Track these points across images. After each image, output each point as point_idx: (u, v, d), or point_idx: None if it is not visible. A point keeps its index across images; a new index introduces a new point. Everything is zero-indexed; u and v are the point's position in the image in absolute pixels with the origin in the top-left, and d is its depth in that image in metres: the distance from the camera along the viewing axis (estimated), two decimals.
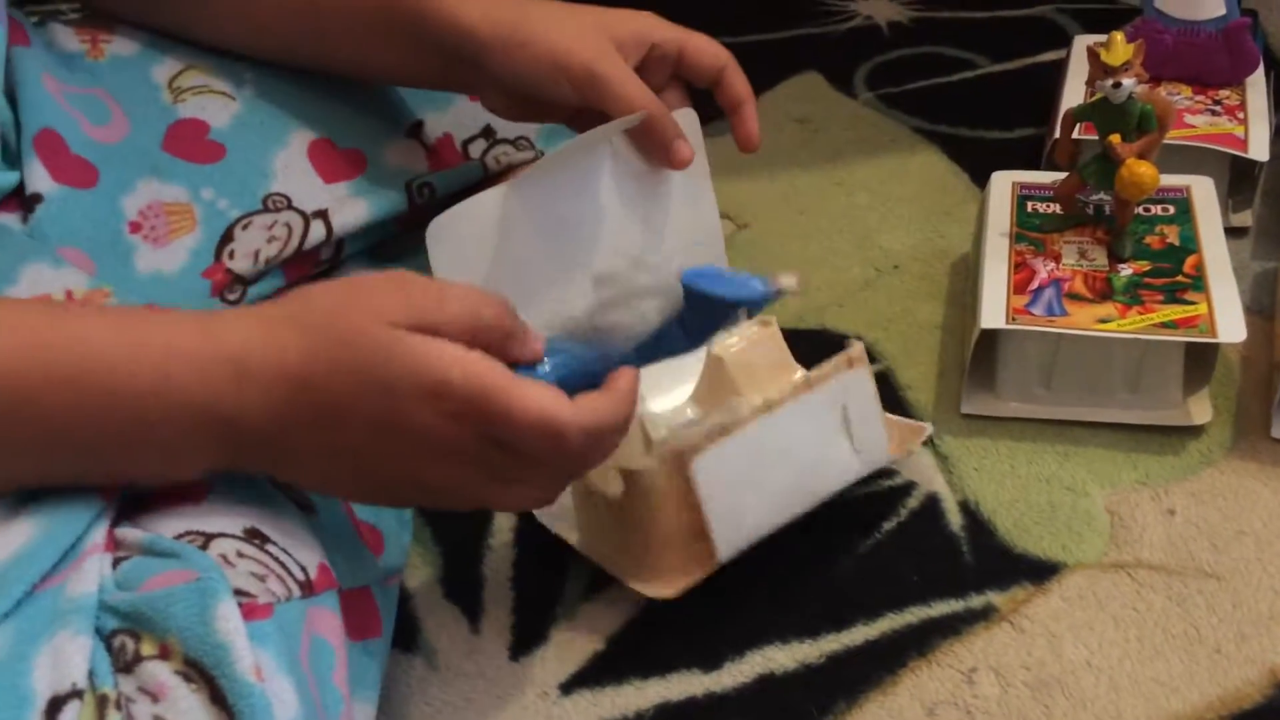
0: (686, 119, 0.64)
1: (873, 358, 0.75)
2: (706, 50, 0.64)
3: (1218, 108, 0.83)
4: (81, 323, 0.46)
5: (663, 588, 0.56)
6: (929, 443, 0.68)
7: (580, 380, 0.49)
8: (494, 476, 0.48)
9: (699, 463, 0.54)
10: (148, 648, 0.43)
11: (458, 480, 0.48)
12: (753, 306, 0.53)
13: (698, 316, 0.53)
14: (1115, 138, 0.67)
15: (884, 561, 0.61)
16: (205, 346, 0.46)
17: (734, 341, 0.63)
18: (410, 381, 0.46)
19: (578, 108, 0.62)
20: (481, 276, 0.60)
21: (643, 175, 0.64)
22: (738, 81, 0.64)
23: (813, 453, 0.58)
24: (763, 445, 0.56)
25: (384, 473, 0.48)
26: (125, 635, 0.43)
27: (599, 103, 0.60)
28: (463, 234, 0.60)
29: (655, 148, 0.63)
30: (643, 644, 0.58)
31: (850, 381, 0.58)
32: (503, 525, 0.66)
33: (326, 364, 0.46)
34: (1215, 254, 0.69)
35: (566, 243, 0.63)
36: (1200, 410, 0.67)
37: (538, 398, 0.46)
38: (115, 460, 0.46)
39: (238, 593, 0.45)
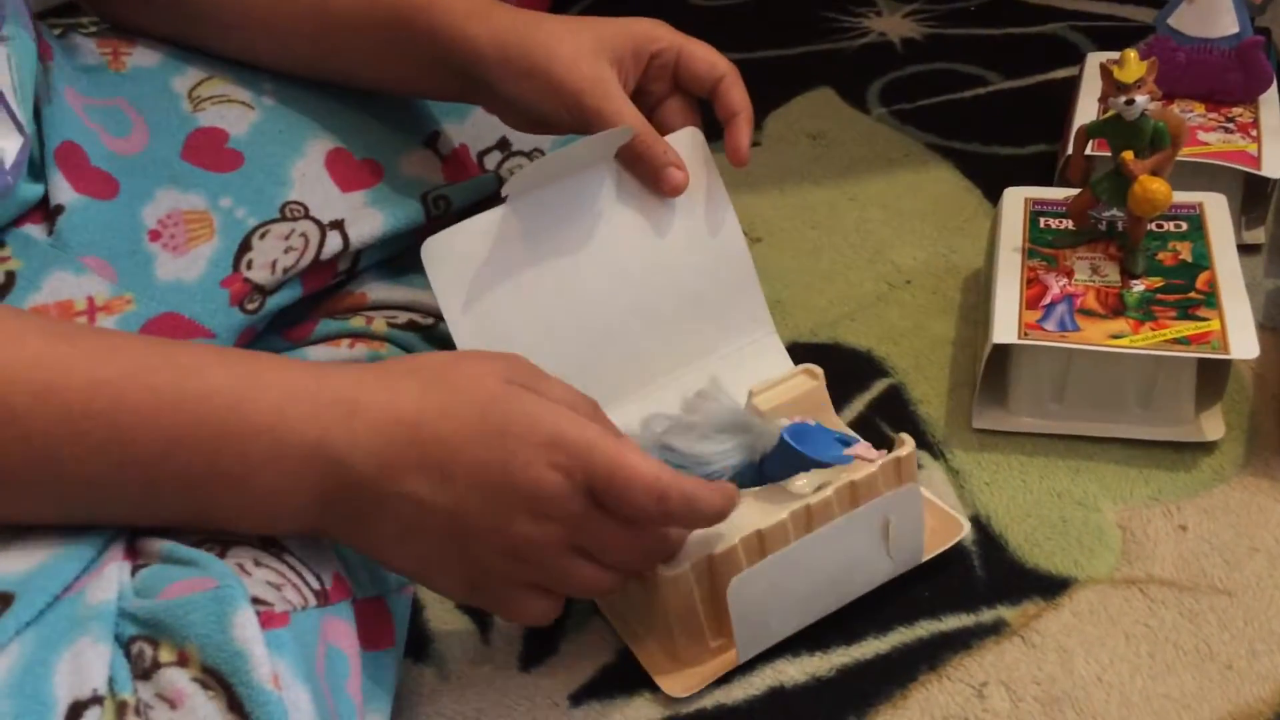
0: (689, 139, 0.64)
1: (884, 372, 0.75)
2: (704, 59, 0.64)
3: (1231, 125, 0.83)
4: (192, 355, 0.47)
5: (678, 685, 0.56)
6: (940, 457, 0.68)
7: None
8: (579, 547, 0.49)
9: (735, 585, 0.53)
10: (166, 654, 0.43)
11: (545, 542, 0.48)
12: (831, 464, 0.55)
13: (781, 465, 0.55)
14: (1128, 154, 0.67)
15: (895, 575, 0.61)
16: (318, 387, 0.47)
17: (778, 391, 0.63)
18: (525, 429, 0.47)
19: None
20: (485, 297, 0.61)
21: (648, 198, 0.64)
22: (734, 93, 0.64)
23: (848, 563, 0.57)
24: (800, 561, 0.55)
25: (473, 531, 0.48)
26: (144, 642, 0.43)
27: (591, 126, 0.61)
28: (460, 254, 0.60)
29: (646, 174, 0.63)
30: None
31: (899, 496, 0.56)
32: None
33: (439, 408, 0.47)
34: (1228, 270, 0.69)
35: (572, 265, 0.63)
36: (1213, 426, 0.67)
37: (646, 459, 0.48)
38: (212, 499, 0.46)
39: (255, 601, 0.45)
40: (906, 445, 0.56)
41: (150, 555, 0.47)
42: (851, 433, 0.62)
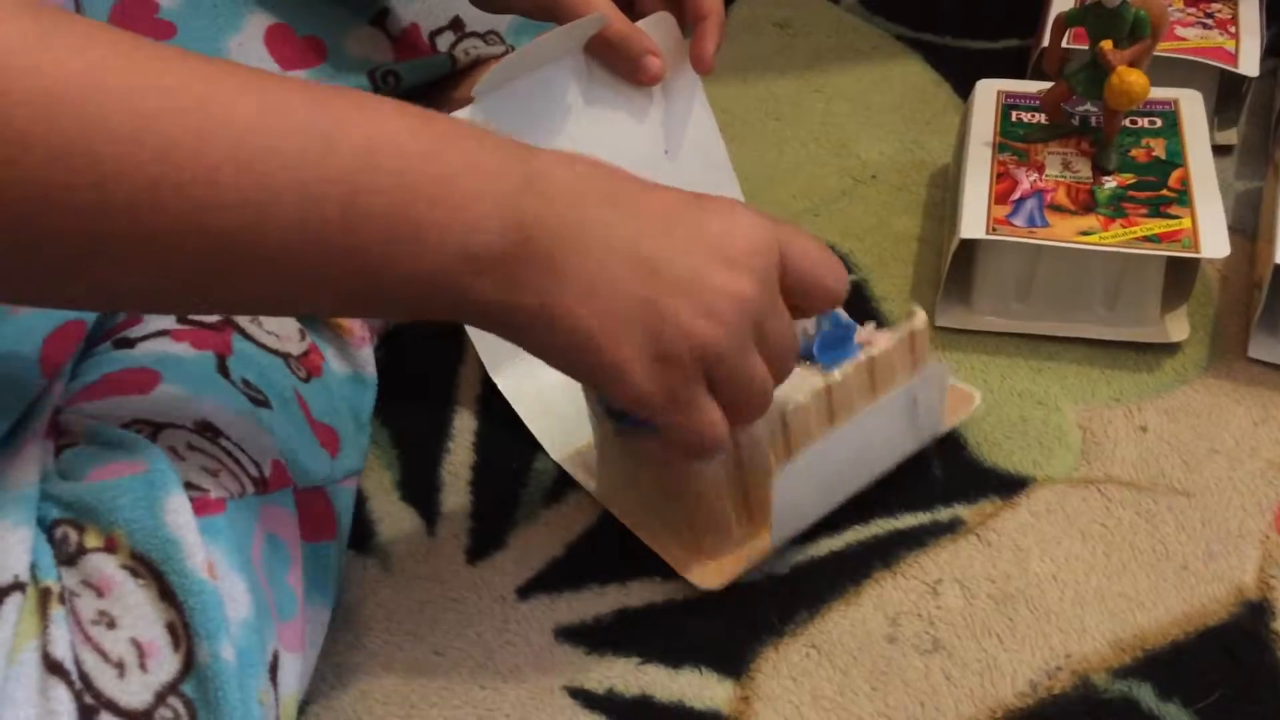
0: (661, 25, 0.61)
1: (848, 268, 0.73)
2: None
3: (1209, 21, 0.81)
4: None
5: (710, 577, 0.54)
6: None
7: None
8: (760, 328, 0.45)
9: (780, 478, 0.51)
10: (92, 540, 0.41)
11: (740, 299, 0.44)
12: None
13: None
14: (1107, 44, 0.64)
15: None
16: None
17: None
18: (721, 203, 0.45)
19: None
20: None
21: (620, 89, 0.61)
22: None
23: (880, 446, 0.56)
24: (837, 448, 0.54)
25: (664, 276, 0.43)
26: (68, 526, 0.41)
27: (558, 11, 0.57)
28: None
29: (621, 63, 0.60)
30: (603, 552, 0.57)
31: (929, 376, 0.56)
32: (463, 428, 0.64)
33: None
34: (1201, 169, 0.67)
35: None
36: (1177, 328, 0.66)
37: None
38: (412, 207, 0.40)
39: (189, 486, 0.43)
40: (918, 317, 0.55)
41: (75, 435, 0.45)
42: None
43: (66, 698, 0.38)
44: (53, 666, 0.39)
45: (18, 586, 0.39)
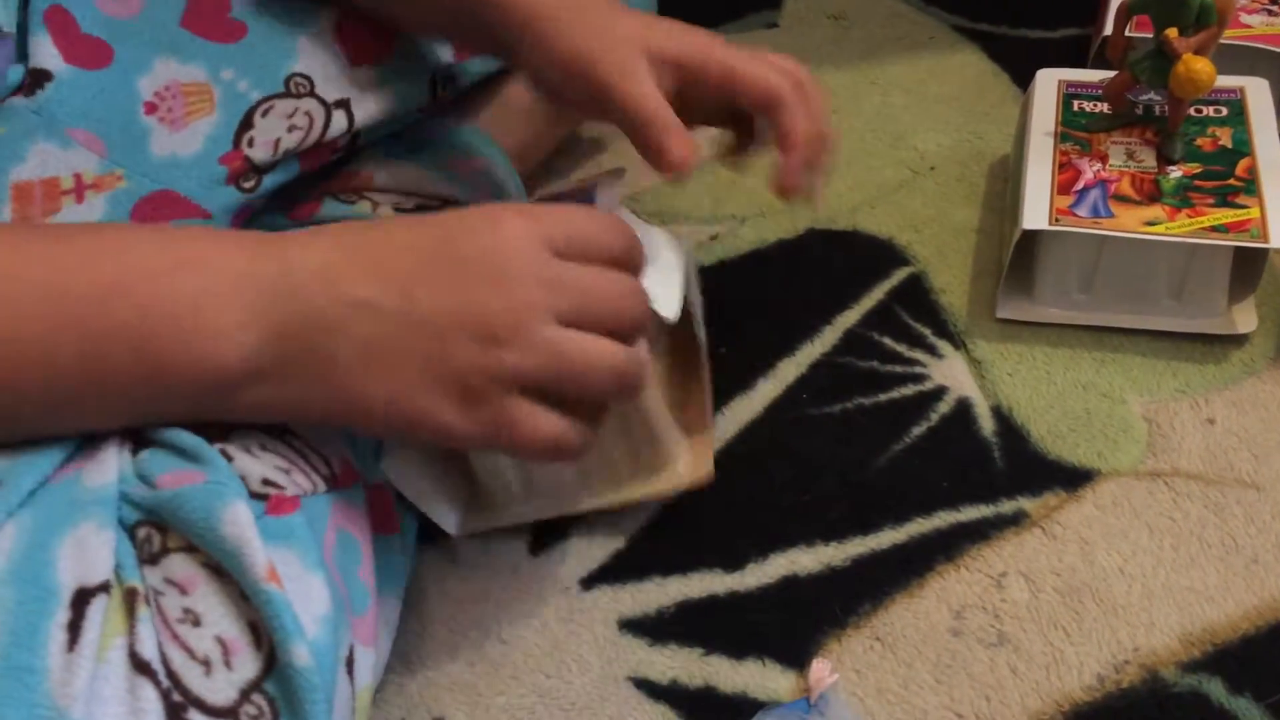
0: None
1: (905, 260, 0.73)
2: (758, 84, 0.56)
3: (1275, 7, 0.80)
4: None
5: (698, 467, 0.54)
6: (962, 347, 0.66)
7: None
8: (560, 313, 0.44)
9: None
10: (175, 540, 0.42)
11: (519, 306, 0.43)
12: None
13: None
14: (1172, 32, 0.64)
15: (913, 466, 0.60)
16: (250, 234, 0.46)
17: None
18: (469, 217, 0.46)
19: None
20: None
21: None
22: (793, 121, 0.56)
23: None
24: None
25: (433, 321, 0.43)
26: (150, 527, 0.42)
27: (610, 117, 0.55)
28: None
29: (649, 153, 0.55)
30: (664, 543, 0.58)
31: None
32: None
33: (391, 224, 0.47)
34: (1269, 157, 0.66)
35: None
36: (1245, 319, 0.65)
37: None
38: (158, 351, 0.42)
39: (265, 483, 0.44)
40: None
41: (150, 438, 0.45)
42: None
43: (154, 696, 0.39)
44: (140, 666, 0.39)
45: (103, 588, 0.40)
